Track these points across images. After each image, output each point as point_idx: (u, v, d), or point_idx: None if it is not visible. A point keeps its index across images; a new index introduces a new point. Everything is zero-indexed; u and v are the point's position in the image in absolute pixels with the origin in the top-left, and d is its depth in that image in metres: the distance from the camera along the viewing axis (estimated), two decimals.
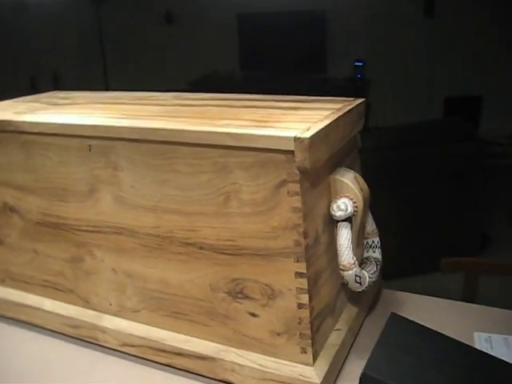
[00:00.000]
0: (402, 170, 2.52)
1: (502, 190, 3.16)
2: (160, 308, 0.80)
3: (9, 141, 0.86)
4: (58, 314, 0.88)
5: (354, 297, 0.86)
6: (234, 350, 0.76)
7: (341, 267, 0.74)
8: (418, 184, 2.52)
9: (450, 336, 0.75)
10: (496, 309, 0.92)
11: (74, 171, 0.82)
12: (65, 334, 0.89)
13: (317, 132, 0.66)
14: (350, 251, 0.74)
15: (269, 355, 0.74)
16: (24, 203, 0.88)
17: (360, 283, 0.76)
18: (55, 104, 0.96)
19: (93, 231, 0.83)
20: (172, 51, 5.08)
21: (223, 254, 0.73)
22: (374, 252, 0.85)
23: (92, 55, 5.43)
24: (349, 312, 0.84)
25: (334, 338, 0.78)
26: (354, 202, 0.76)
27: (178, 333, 0.80)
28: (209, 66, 4.66)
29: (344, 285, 0.78)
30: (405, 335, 0.74)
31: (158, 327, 0.81)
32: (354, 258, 0.74)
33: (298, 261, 0.69)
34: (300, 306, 0.70)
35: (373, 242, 0.86)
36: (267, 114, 0.77)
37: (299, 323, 0.71)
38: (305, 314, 0.70)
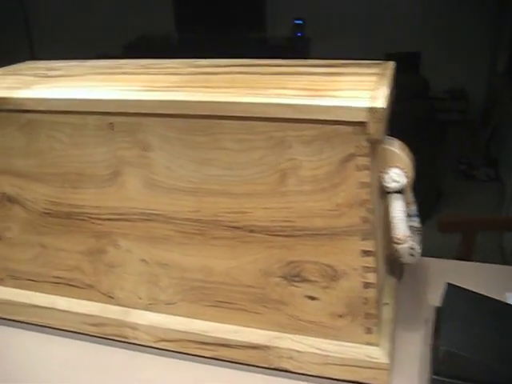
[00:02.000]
0: None
1: (447, 145, 3.26)
2: (201, 298, 0.73)
3: (5, 122, 0.75)
4: (75, 313, 0.79)
5: (391, 268, 0.84)
6: (290, 336, 0.71)
7: (396, 240, 0.70)
8: None
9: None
10: None
11: (90, 153, 0.72)
12: (85, 334, 0.80)
13: (386, 101, 0.61)
14: (405, 223, 0.71)
15: (329, 338, 0.70)
16: (27, 192, 0.77)
17: (413, 255, 0.73)
18: (46, 76, 0.84)
19: (117, 219, 0.74)
20: (101, 12, 4.76)
21: (278, 236, 0.67)
22: (414, 221, 0.83)
23: (14, 17, 4.99)
24: (389, 284, 0.82)
25: (386, 313, 0.75)
26: (405, 172, 0.72)
27: (224, 323, 0.74)
28: (142, 28, 4.43)
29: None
30: (465, 305, 0.72)
31: (199, 319, 0.74)
32: (409, 231, 0.71)
33: (364, 239, 0.65)
34: (366, 285, 0.66)
35: (411, 210, 0.83)
36: (309, 81, 0.70)
37: (365, 303, 0.67)
38: (371, 293, 0.67)
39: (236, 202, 0.67)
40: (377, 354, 0.68)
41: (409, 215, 0.83)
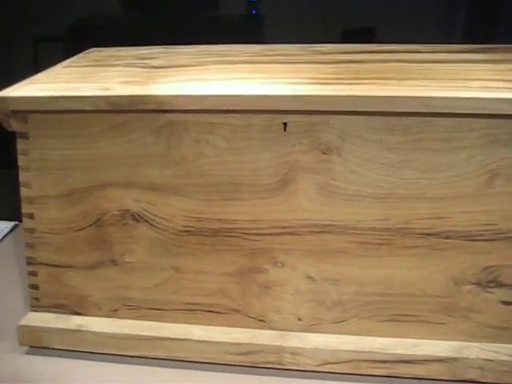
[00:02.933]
0: None
1: None
2: (376, 313, 0.67)
3: (134, 125, 0.62)
4: (216, 342, 0.69)
5: None
6: (478, 344, 0.67)
7: None
8: None
9: None
10: None
11: (253, 159, 0.62)
12: (228, 364, 0.70)
13: None
14: None
15: None
16: (160, 208, 0.65)
17: None
18: (155, 67, 0.71)
19: (280, 233, 0.64)
20: None
21: (477, 240, 0.62)
22: None
23: None
24: None
25: None
26: None
27: (401, 337, 0.67)
28: (86, 8, 4.06)
29: None
30: None
31: (372, 335, 0.67)
32: None
33: None
34: None
35: None
36: (484, 70, 0.65)
37: None
38: None
39: (433, 207, 0.61)
40: None
41: None
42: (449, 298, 0.65)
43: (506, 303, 0.64)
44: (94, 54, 0.83)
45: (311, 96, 0.58)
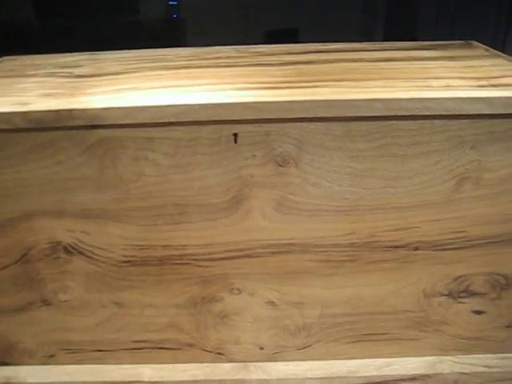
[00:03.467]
0: None
1: None
2: (344, 335, 0.61)
3: (63, 144, 0.53)
4: (171, 382, 0.61)
5: None
6: (451, 358, 0.63)
7: None
8: None
9: None
10: None
11: (201, 176, 0.54)
12: None
13: None
14: None
15: (493, 352, 0.63)
16: (96, 237, 0.57)
17: None
18: (80, 76, 0.62)
19: (236, 257, 0.58)
20: None
21: (446, 250, 0.58)
22: None
23: None
24: None
25: None
26: None
27: (372, 358, 0.62)
28: None
29: None
30: None
31: (341, 359, 0.62)
32: None
33: None
34: None
35: None
36: (444, 68, 0.62)
37: None
38: None
39: (400, 217, 0.56)
40: None
41: None
42: (420, 312, 0.61)
43: (478, 312, 0.61)
44: (6, 63, 0.73)
45: (263, 103, 0.51)
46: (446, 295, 0.60)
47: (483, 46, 0.73)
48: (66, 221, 0.56)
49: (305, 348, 0.62)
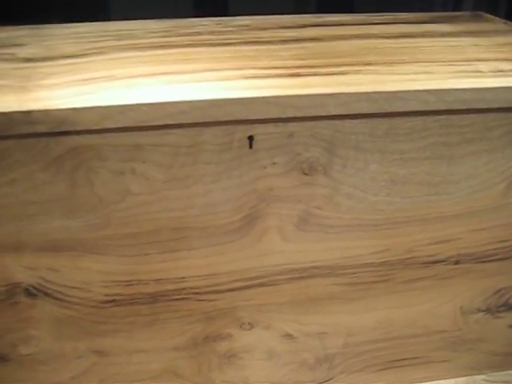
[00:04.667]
0: None
1: None
2: (370, 364, 0.52)
3: (18, 157, 0.39)
4: None
5: None
6: (483, 377, 0.56)
7: None
8: None
9: None
10: None
11: (205, 192, 0.42)
12: None
13: None
14: None
15: None
16: (69, 274, 0.43)
17: None
18: (26, 60, 0.47)
19: (247, 287, 0.46)
20: None
21: (489, 261, 0.50)
22: None
23: None
24: None
25: None
26: None
27: None
28: None
29: None
30: None
31: None
32: None
33: None
34: None
35: None
36: (459, 50, 0.52)
37: None
38: None
39: (441, 228, 0.47)
40: None
41: None
42: (454, 331, 0.53)
43: None
44: None
45: (290, 97, 0.40)
46: (484, 311, 0.52)
47: (496, 17, 0.65)
48: (26, 256, 0.42)
49: (326, 382, 0.52)
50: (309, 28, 0.58)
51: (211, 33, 0.56)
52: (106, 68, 0.46)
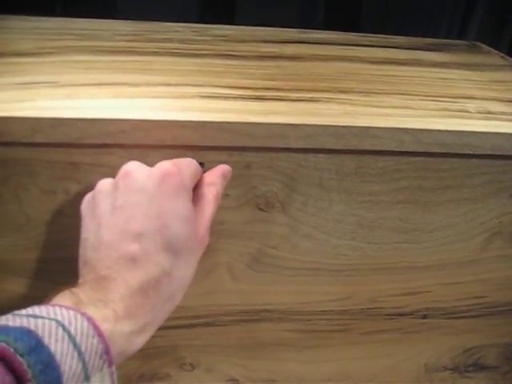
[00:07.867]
0: None
1: None
2: None
3: None
4: None
5: None
6: None
7: None
8: None
9: None
10: None
11: None
12: None
13: None
14: None
15: None
16: None
17: None
18: None
19: (191, 325, 0.42)
20: None
21: (460, 318, 0.46)
22: None
23: None
24: None
25: None
26: None
27: None
28: None
29: None
30: None
31: None
32: None
33: None
34: None
35: None
36: (447, 85, 0.48)
37: None
38: None
39: (409, 280, 0.43)
40: None
41: None
42: None
43: None
44: None
45: (246, 124, 0.35)
46: (451, 369, 0.48)
47: (492, 49, 0.60)
48: None
49: None
50: (290, 44, 0.53)
51: (182, 41, 0.51)
52: (53, 72, 0.41)
